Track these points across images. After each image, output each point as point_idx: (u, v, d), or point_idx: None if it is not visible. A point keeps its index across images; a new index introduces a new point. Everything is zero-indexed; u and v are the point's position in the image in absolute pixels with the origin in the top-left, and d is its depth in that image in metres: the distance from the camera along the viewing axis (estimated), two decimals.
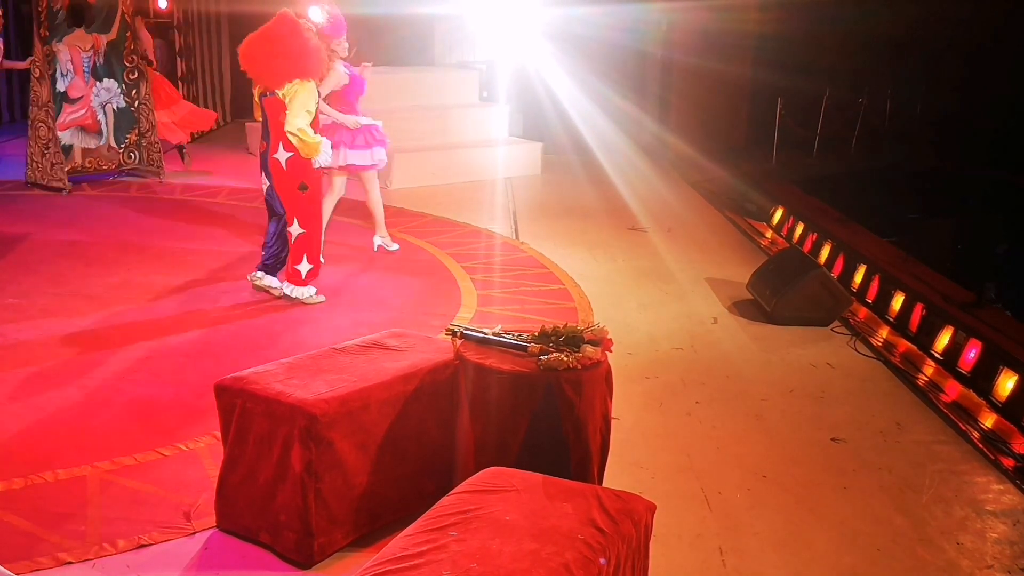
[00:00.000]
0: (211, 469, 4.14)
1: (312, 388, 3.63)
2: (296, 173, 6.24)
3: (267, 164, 6.29)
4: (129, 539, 3.70)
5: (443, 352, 4.04)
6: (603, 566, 2.76)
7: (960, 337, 5.98)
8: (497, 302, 6.82)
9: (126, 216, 8.98)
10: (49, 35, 9.69)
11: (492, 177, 11.38)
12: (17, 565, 3.42)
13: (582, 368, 3.71)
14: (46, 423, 4.68)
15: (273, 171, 6.27)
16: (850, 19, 14.23)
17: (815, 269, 6.85)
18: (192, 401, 4.93)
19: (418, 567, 2.61)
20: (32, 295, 6.56)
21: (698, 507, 4.22)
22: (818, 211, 9.59)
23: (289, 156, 6.18)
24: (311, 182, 6.35)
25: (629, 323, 6.59)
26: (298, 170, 6.24)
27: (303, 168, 6.24)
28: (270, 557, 3.65)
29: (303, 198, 6.33)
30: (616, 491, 3.19)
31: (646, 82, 14.66)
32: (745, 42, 13.72)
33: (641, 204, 10.27)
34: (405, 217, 9.34)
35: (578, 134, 12.86)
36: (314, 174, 6.37)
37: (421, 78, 13.11)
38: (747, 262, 8.05)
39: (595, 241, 8.80)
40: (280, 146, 6.18)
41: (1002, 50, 13.72)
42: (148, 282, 6.94)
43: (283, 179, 6.27)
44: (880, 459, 4.77)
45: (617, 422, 4.46)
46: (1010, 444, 4.98)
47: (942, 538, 4.06)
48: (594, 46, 13.39)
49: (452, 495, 3.06)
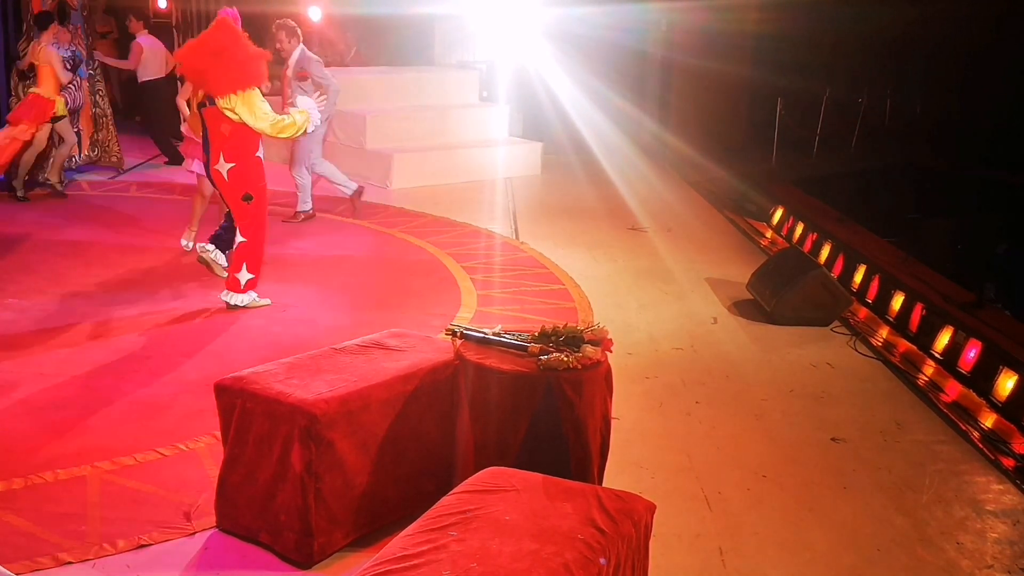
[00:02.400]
0: (211, 469, 4.14)
1: (312, 388, 3.63)
2: (239, 184, 6.17)
3: (210, 175, 6.26)
4: (129, 539, 3.70)
5: (443, 352, 4.04)
6: (603, 566, 2.76)
7: (960, 337, 5.98)
8: (497, 302, 6.82)
9: (126, 216, 8.97)
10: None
11: (492, 177, 11.38)
12: (17, 565, 3.42)
13: (582, 368, 3.71)
14: (46, 423, 4.68)
15: (216, 182, 6.23)
16: (850, 19, 14.23)
17: (815, 269, 6.85)
18: (192, 401, 4.92)
19: (418, 567, 2.61)
20: (32, 295, 6.56)
21: (698, 507, 4.21)
22: (818, 211, 9.59)
23: (231, 167, 6.11)
24: (255, 192, 6.25)
25: (629, 323, 6.59)
26: (240, 181, 6.17)
27: (245, 179, 6.18)
28: (270, 557, 3.65)
29: (248, 209, 6.24)
30: (616, 491, 3.19)
31: (646, 82, 14.67)
32: (745, 42, 13.72)
33: (641, 204, 10.27)
34: (405, 217, 9.34)
35: (578, 134, 12.86)
36: (258, 184, 6.27)
37: (421, 78, 13.11)
38: (747, 262, 8.05)
39: (595, 241, 8.80)
40: (221, 157, 6.11)
41: (1001, 50, 13.71)
42: (148, 282, 6.94)
43: (227, 190, 6.22)
44: (880, 459, 4.77)
45: (617, 422, 4.45)
46: (1010, 444, 4.98)
47: (942, 538, 4.06)
48: (594, 46, 13.40)
49: (452, 495, 3.06)
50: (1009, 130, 13.03)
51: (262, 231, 6.44)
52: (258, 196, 6.29)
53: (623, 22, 13.42)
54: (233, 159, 6.11)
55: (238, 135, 6.09)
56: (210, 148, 6.17)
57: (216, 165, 6.15)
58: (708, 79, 13.71)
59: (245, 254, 6.34)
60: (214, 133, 6.12)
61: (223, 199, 6.35)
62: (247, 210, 6.25)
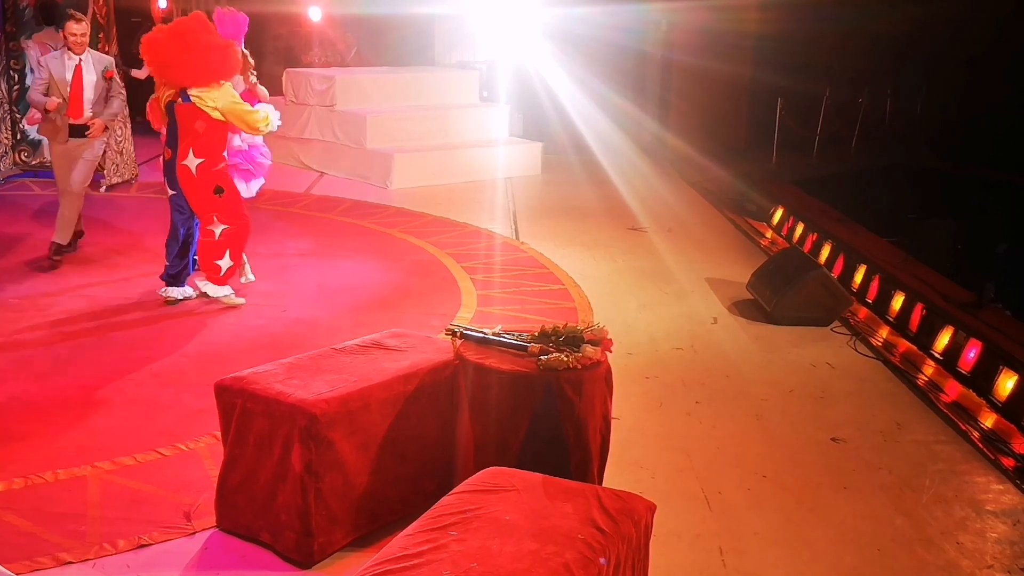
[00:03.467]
0: (211, 469, 4.14)
1: (312, 388, 3.63)
2: (208, 178, 6.15)
3: (174, 172, 6.18)
4: (129, 539, 3.70)
5: (443, 352, 4.04)
6: (603, 566, 2.76)
7: (960, 337, 5.98)
8: (497, 302, 6.82)
9: (126, 216, 8.97)
10: (15, 31, 9.72)
11: (492, 177, 11.38)
12: (17, 565, 3.42)
13: (582, 368, 3.71)
14: (46, 423, 4.68)
15: (182, 178, 6.15)
16: (850, 19, 14.23)
17: (815, 269, 6.85)
18: (192, 401, 4.92)
19: (418, 567, 2.61)
20: (32, 295, 6.56)
21: (698, 507, 4.21)
22: (818, 211, 9.59)
23: (200, 163, 6.09)
24: (225, 184, 6.24)
25: (629, 323, 6.59)
26: (209, 175, 6.15)
27: (214, 173, 6.16)
28: (270, 557, 3.65)
29: (220, 201, 6.23)
30: (616, 491, 3.19)
31: (646, 82, 14.67)
32: (745, 42, 13.72)
33: (641, 204, 10.27)
34: (405, 217, 9.34)
35: (578, 134, 12.86)
36: (226, 176, 6.27)
37: (421, 78, 13.12)
38: (747, 262, 8.05)
39: (595, 241, 8.80)
40: (190, 153, 6.08)
41: (1002, 50, 13.71)
42: (148, 282, 6.93)
43: (194, 186, 6.16)
44: (880, 459, 4.77)
45: (617, 422, 4.45)
46: (1010, 444, 4.98)
47: (942, 538, 4.06)
48: (594, 46, 13.39)
49: (452, 495, 3.06)
50: (1009, 130, 13.04)
51: (242, 218, 6.40)
52: (228, 188, 6.27)
53: (623, 22, 13.42)
54: (203, 155, 6.10)
55: (213, 132, 6.09)
56: (178, 144, 6.11)
57: (184, 160, 6.10)
58: (708, 79, 13.71)
59: (228, 240, 6.31)
60: (185, 129, 6.08)
61: (185, 200, 6.23)
62: (219, 203, 6.23)
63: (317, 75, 12.35)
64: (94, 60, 7.05)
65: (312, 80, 12.13)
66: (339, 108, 11.66)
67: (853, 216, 9.26)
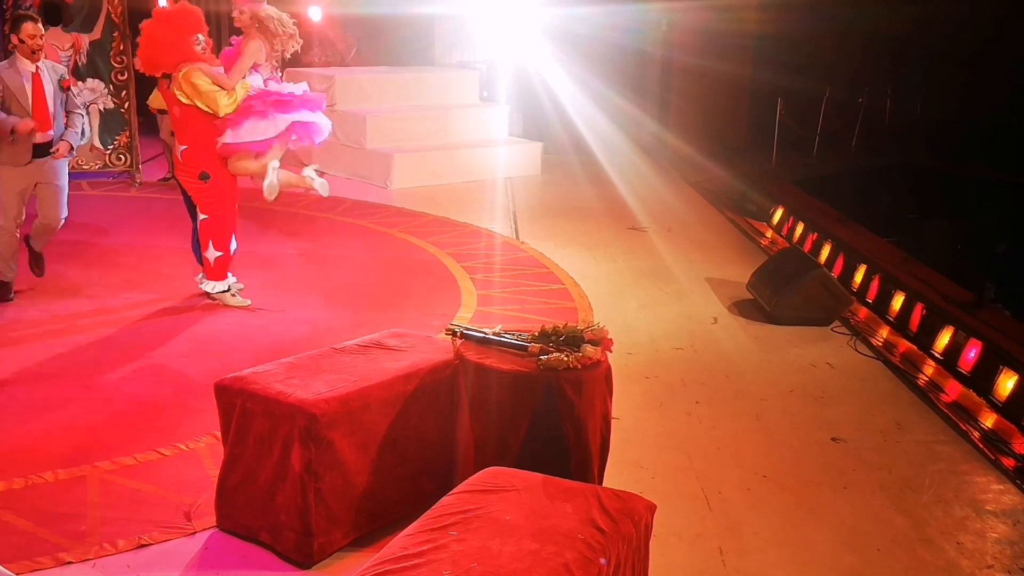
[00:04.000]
0: (211, 469, 4.14)
1: (312, 388, 3.63)
2: (193, 163, 6.19)
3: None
4: (129, 539, 3.70)
5: (443, 352, 4.04)
6: (603, 566, 2.76)
7: (960, 337, 5.98)
8: (497, 302, 6.82)
9: (126, 216, 8.97)
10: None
11: (492, 177, 11.37)
12: (17, 565, 3.42)
13: (582, 368, 3.71)
14: (46, 423, 4.68)
15: (175, 165, 6.31)
16: (850, 19, 14.22)
17: (815, 269, 6.85)
18: (192, 401, 4.92)
19: (418, 567, 2.61)
20: (33, 295, 6.56)
21: (698, 507, 4.21)
22: (818, 211, 9.59)
23: (183, 149, 6.16)
24: (212, 170, 6.19)
25: (629, 323, 6.59)
26: (194, 161, 6.18)
27: (199, 158, 6.17)
28: (270, 557, 3.65)
29: (205, 187, 6.24)
30: (616, 491, 3.19)
31: (646, 82, 14.67)
32: (745, 42, 13.73)
33: (641, 204, 10.27)
34: (405, 217, 9.34)
35: (578, 134, 12.86)
36: (214, 162, 6.18)
37: (421, 78, 13.12)
38: (747, 262, 8.05)
39: (595, 241, 8.80)
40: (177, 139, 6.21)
41: (1002, 50, 13.71)
42: (148, 282, 6.94)
43: (181, 171, 6.29)
44: (880, 459, 4.77)
45: (617, 422, 4.45)
46: (1010, 444, 4.98)
47: (942, 538, 4.06)
48: (594, 46, 13.40)
49: (452, 495, 3.06)
50: (1009, 130, 13.04)
51: (225, 207, 6.36)
52: (215, 174, 6.21)
53: (623, 22, 13.43)
54: (185, 141, 6.15)
55: (187, 117, 6.10)
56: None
57: (179, 147, 6.23)
58: (708, 79, 13.71)
59: (208, 231, 6.34)
60: (172, 116, 6.25)
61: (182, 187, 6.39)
62: (204, 189, 6.24)
63: (317, 75, 12.33)
64: (48, 68, 6.17)
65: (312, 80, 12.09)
66: (339, 108, 11.65)
67: (853, 216, 9.26)
